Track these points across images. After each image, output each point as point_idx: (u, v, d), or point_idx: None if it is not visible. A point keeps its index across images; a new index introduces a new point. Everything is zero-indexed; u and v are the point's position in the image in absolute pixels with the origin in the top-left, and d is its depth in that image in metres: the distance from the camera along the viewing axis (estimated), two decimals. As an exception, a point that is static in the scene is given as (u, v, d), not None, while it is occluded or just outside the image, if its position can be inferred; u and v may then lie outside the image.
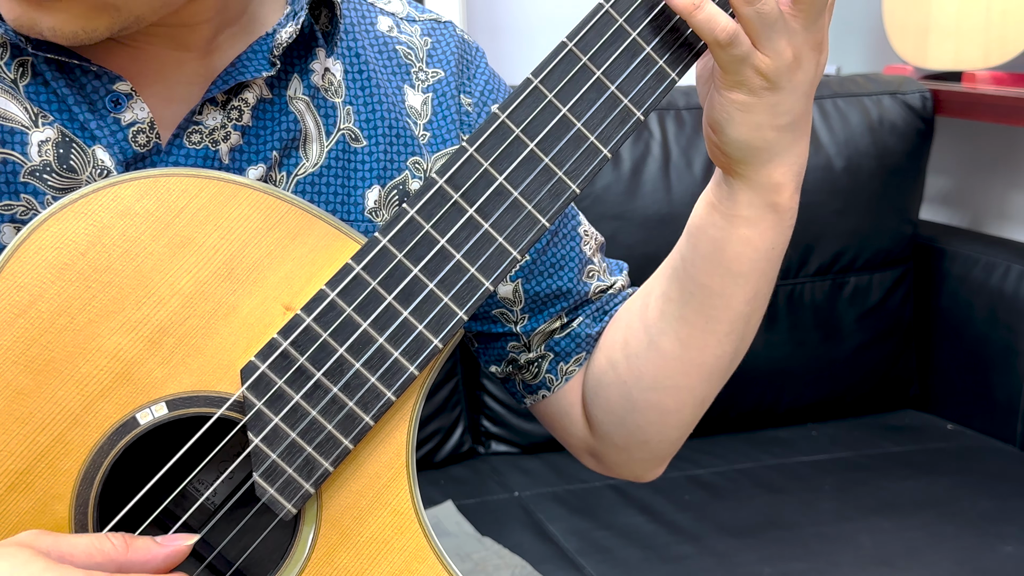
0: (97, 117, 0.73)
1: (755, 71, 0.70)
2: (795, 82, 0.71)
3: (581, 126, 0.69)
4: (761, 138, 0.73)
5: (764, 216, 0.77)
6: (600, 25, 0.68)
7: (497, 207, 0.68)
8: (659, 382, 0.85)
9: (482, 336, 0.93)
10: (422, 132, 0.86)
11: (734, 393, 2.00)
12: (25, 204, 0.71)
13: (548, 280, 0.90)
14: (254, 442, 0.67)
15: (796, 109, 0.73)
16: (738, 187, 0.76)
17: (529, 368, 0.92)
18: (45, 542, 0.60)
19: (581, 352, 0.91)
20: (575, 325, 0.91)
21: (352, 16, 0.86)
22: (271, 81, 0.78)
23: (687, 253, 0.81)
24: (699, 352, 0.83)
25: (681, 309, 0.82)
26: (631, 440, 0.89)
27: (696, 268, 0.80)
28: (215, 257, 0.66)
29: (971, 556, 1.51)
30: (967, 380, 2.02)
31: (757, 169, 0.75)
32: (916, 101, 2.03)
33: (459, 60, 0.89)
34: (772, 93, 0.71)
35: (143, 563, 0.62)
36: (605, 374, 0.89)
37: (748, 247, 0.78)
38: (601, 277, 0.93)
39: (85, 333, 0.65)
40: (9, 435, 0.64)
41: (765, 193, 0.76)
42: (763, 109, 0.72)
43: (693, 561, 1.53)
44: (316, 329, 0.67)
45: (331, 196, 0.81)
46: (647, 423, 0.87)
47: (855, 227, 1.99)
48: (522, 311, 0.90)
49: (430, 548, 0.71)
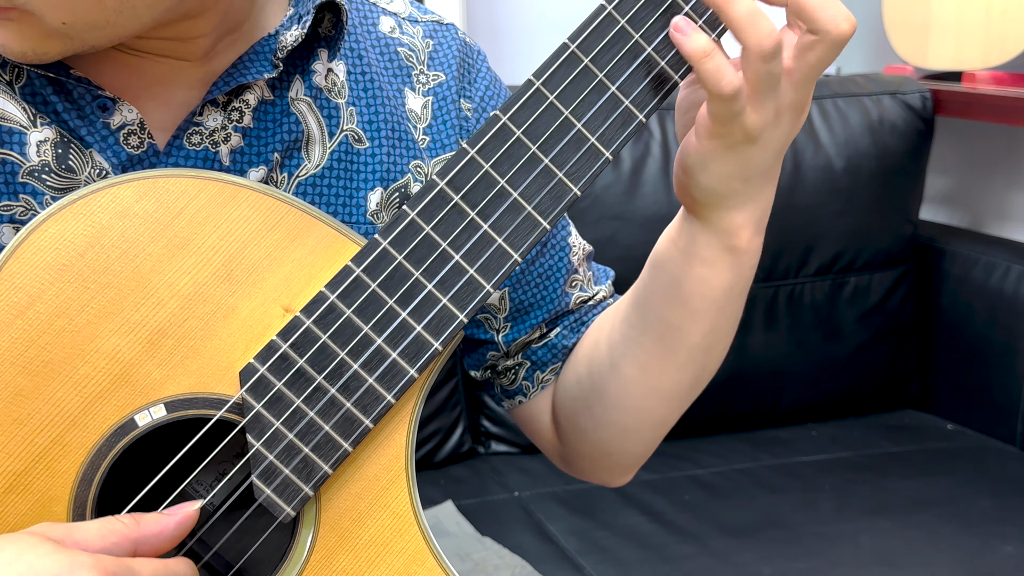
0: (87, 123, 0.72)
1: (740, 126, 0.69)
2: (771, 138, 0.71)
3: (582, 128, 0.68)
4: (728, 187, 0.73)
5: (721, 257, 0.76)
6: (602, 27, 0.67)
7: (497, 209, 0.68)
8: (619, 403, 0.85)
9: (465, 340, 0.93)
10: (421, 136, 0.85)
11: (734, 393, 2.01)
12: (24, 204, 0.71)
13: (535, 290, 0.91)
14: (253, 444, 0.66)
15: (766, 163, 0.72)
16: (698, 228, 0.76)
17: (507, 374, 0.93)
18: (57, 532, 0.60)
19: (557, 362, 0.92)
20: (552, 336, 0.92)
21: (355, 17, 0.85)
22: (273, 83, 0.78)
23: (648, 283, 0.81)
24: (657, 378, 0.83)
25: (640, 336, 0.82)
26: (595, 451, 0.90)
27: (655, 299, 0.80)
28: (214, 258, 0.66)
29: (971, 556, 1.51)
30: (967, 380, 2.02)
31: (720, 214, 0.74)
32: (916, 101, 2.03)
33: (460, 64, 0.89)
34: (748, 147, 0.70)
35: (156, 535, 0.63)
36: (571, 388, 0.90)
37: (704, 285, 0.77)
38: (584, 287, 0.93)
39: (83, 334, 0.64)
40: (7, 437, 0.64)
41: (724, 236, 0.75)
42: (736, 161, 0.71)
43: (693, 561, 1.53)
44: (315, 331, 0.67)
45: (332, 198, 0.81)
46: (609, 438, 0.88)
47: (855, 227, 1.99)
48: (505, 319, 0.91)
49: (429, 551, 0.71)
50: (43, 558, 0.57)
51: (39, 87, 0.72)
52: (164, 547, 0.64)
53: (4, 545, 0.58)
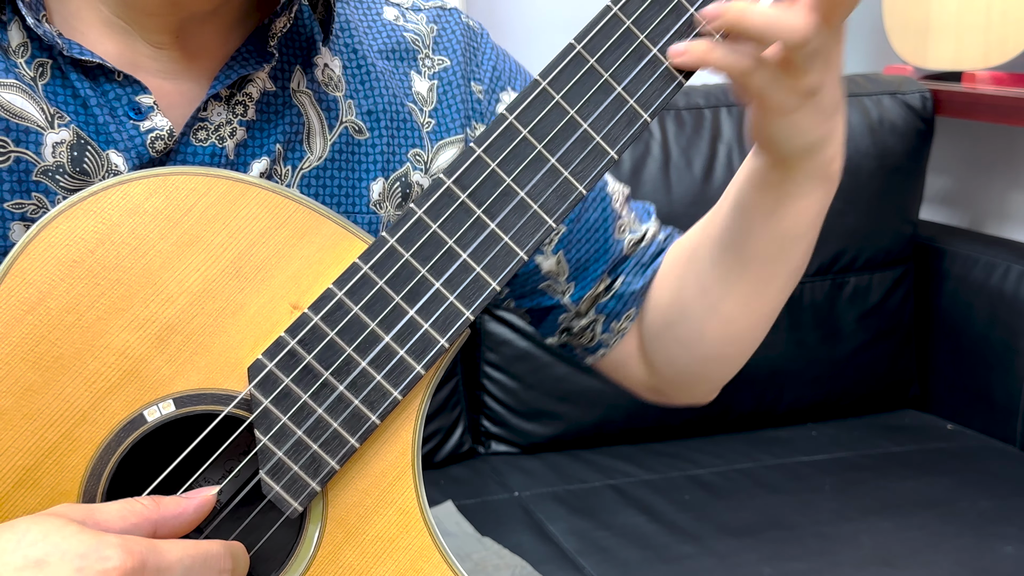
0: (116, 121, 0.73)
1: (804, 86, 0.72)
2: (830, 77, 0.73)
3: (588, 127, 0.69)
4: (815, 134, 0.76)
5: (818, 187, 0.80)
6: (608, 27, 0.68)
7: (504, 207, 0.69)
8: (723, 338, 0.89)
9: (533, 311, 0.96)
10: (427, 120, 0.86)
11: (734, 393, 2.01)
12: (36, 203, 0.72)
13: (587, 246, 0.93)
14: (261, 440, 0.67)
15: (836, 96, 0.75)
16: (792, 173, 0.79)
17: (584, 333, 0.96)
18: (78, 512, 0.60)
19: (630, 308, 0.95)
20: (618, 285, 0.94)
21: (356, 12, 0.86)
22: (274, 73, 0.79)
23: (739, 230, 0.83)
24: (760, 307, 0.87)
25: (740, 276, 0.85)
26: (694, 380, 0.95)
27: (752, 241, 0.83)
28: (223, 255, 0.67)
29: (971, 556, 1.52)
30: (967, 380, 2.02)
31: (813, 156, 0.77)
32: (916, 101, 2.03)
33: (466, 48, 0.90)
34: (816, 97, 0.73)
35: (176, 516, 0.63)
36: (663, 334, 0.93)
37: (803, 216, 0.81)
38: (633, 229, 0.96)
39: (93, 330, 0.65)
40: (17, 431, 0.64)
41: (819, 170, 0.79)
42: (812, 113, 0.74)
43: (693, 561, 1.53)
44: (323, 328, 0.67)
45: (336, 189, 0.81)
46: (710, 369, 0.93)
47: (855, 227, 1.99)
48: (567, 280, 0.93)
49: (435, 547, 0.71)
50: (69, 539, 0.57)
51: (75, 79, 0.72)
52: (182, 530, 0.64)
53: (29, 527, 0.58)
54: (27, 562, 0.56)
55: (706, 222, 0.89)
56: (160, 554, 0.60)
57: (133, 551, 0.58)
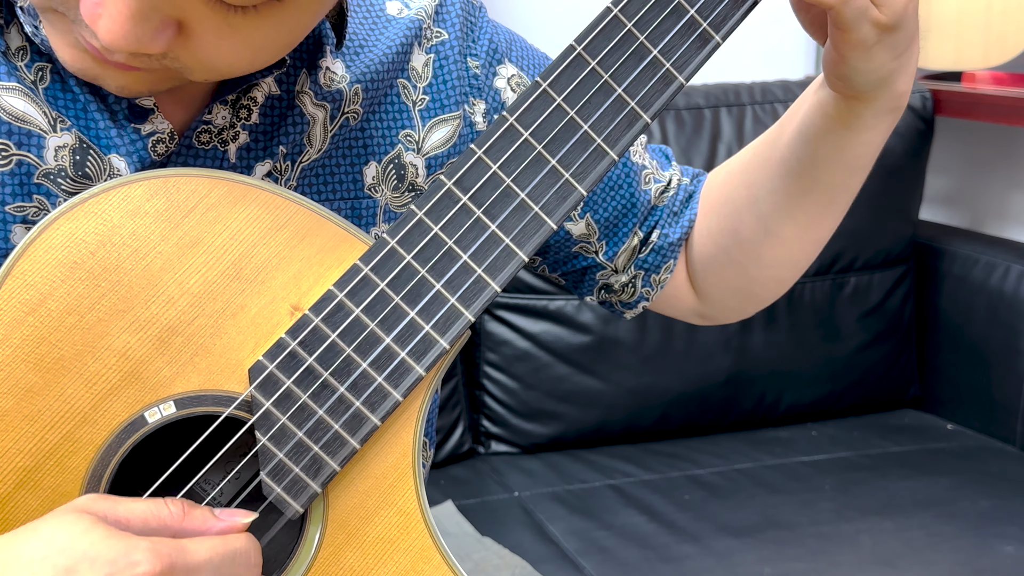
0: (117, 126, 0.73)
1: (872, 25, 0.72)
2: (904, 13, 0.73)
3: (588, 129, 0.69)
4: (887, 70, 0.76)
5: (886, 118, 0.81)
6: (608, 29, 0.68)
7: (505, 209, 0.69)
8: (778, 261, 0.92)
9: (569, 275, 0.98)
10: (420, 96, 0.86)
11: (734, 393, 2.02)
12: (37, 205, 0.71)
13: (614, 203, 0.94)
14: (261, 441, 0.67)
15: (910, 32, 0.75)
16: (863, 105, 0.79)
17: (624, 290, 0.97)
18: (101, 506, 0.60)
19: (668, 260, 0.96)
20: (655, 238, 0.95)
21: (358, 13, 0.86)
22: (280, 77, 0.78)
23: (805, 158, 0.85)
24: (819, 230, 0.91)
25: (800, 201, 0.87)
26: (746, 300, 0.98)
27: (816, 168, 0.85)
28: (224, 257, 0.67)
29: (971, 556, 1.52)
30: (967, 380, 2.02)
31: (885, 91, 0.78)
32: (916, 101, 2.03)
33: (464, 22, 0.90)
34: (890, 34, 0.73)
35: (197, 532, 0.63)
36: (716, 258, 0.94)
37: (869, 145, 0.83)
38: (657, 178, 0.97)
39: (94, 332, 0.65)
40: (18, 433, 0.64)
41: (889, 104, 0.80)
42: (884, 49, 0.74)
43: (693, 561, 1.53)
44: (324, 329, 0.67)
45: (334, 179, 0.81)
46: (764, 290, 0.96)
47: (855, 227, 1.98)
48: (599, 240, 0.94)
49: (436, 549, 0.71)
50: (97, 544, 0.57)
51: (73, 84, 0.72)
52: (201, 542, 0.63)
53: (54, 532, 0.57)
54: (56, 571, 0.56)
55: (761, 150, 0.90)
56: (188, 554, 0.59)
57: (161, 554, 0.58)
